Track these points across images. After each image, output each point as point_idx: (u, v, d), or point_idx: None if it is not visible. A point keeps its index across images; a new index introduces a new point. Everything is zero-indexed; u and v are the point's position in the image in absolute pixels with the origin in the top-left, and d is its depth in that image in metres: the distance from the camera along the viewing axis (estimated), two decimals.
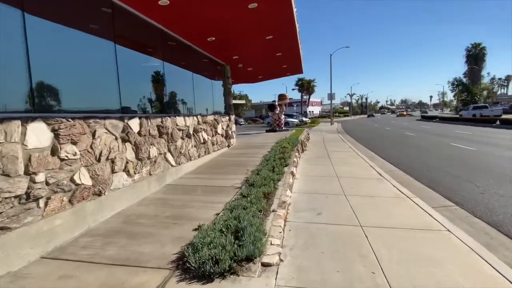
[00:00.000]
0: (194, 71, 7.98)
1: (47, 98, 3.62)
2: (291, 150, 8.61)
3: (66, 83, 3.90)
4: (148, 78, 5.99)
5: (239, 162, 7.70)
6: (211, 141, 8.58)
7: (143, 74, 5.84)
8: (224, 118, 10.01)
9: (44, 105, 3.53)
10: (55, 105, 3.71)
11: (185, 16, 6.00)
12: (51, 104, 3.67)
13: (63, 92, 3.82)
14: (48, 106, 3.61)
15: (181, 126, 6.66)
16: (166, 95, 6.44)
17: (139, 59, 5.69)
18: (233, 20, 6.56)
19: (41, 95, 3.49)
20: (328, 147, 12.68)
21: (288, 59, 11.91)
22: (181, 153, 6.57)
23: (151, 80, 6.05)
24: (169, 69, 6.55)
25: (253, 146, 10.57)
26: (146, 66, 5.95)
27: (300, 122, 36.20)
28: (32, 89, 3.32)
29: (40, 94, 3.48)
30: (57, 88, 3.74)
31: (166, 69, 6.41)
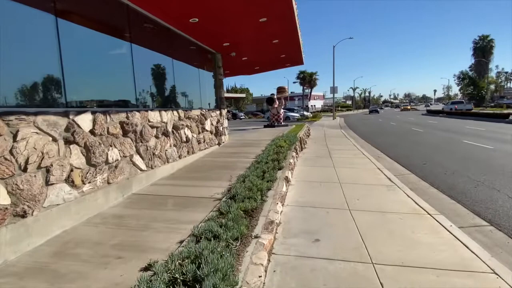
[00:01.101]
0: (175, 58, 6.91)
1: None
2: (287, 150, 7.58)
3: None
4: (110, 63, 4.95)
5: (227, 164, 6.68)
6: (196, 139, 7.56)
7: (103, 59, 4.79)
8: (214, 112, 8.96)
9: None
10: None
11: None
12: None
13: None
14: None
15: (155, 122, 5.63)
16: (136, 85, 5.40)
17: (95, 39, 4.61)
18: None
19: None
20: (330, 145, 11.63)
21: (287, 47, 10.78)
22: (155, 155, 5.56)
23: (114, 67, 5.01)
24: (140, 53, 5.49)
25: (246, 144, 9.54)
26: (107, 48, 4.89)
27: (301, 116, 35.09)
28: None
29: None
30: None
31: (136, 54, 5.35)
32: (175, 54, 6.93)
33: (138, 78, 5.41)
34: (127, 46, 5.20)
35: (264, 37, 8.78)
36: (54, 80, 3.71)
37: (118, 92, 5.14)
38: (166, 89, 6.57)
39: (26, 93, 3.40)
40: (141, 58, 5.55)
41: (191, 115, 7.26)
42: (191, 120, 7.33)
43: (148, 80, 5.89)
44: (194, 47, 8.25)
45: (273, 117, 16.39)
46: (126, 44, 5.19)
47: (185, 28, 7.07)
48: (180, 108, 6.85)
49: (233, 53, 10.14)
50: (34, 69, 3.51)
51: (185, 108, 7.20)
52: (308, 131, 15.63)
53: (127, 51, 5.20)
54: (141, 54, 5.57)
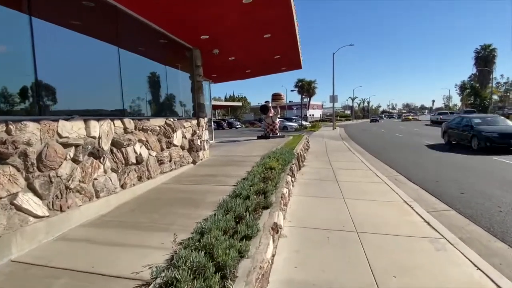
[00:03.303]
0: (123, 47, 4.99)
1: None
2: (280, 173, 5.59)
3: None
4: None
5: (192, 196, 4.68)
6: (156, 158, 5.57)
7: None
8: (188, 122, 7.00)
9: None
10: None
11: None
12: None
13: None
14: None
15: (74, 138, 3.65)
16: (37, 79, 3.44)
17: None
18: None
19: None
20: (334, 161, 9.66)
21: (282, 44, 8.94)
22: (71, 189, 3.56)
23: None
24: (48, 32, 3.57)
25: (230, 162, 7.55)
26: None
27: (300, 126, 33.33)
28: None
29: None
30: None
31: (40, 31, 3.42)
32: (123, 43, 5.01)
33: (42, 66, 3.46)
34: (25, 20, 3.27)
35: (252, 27, 6.92)
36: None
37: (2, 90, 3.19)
38: (103, 88, 4.62)
39: None
40: (50, 39, 3.62)
41: (148, 126, 5.29)
42: (149, 132, 5.36)
43: (66, 72, 3.94)
44: (160, 37, 6.36)
45: (267, 127, 14.46)
46: (25, 18, 3.26)
47: (143, 10, 5.18)
48: (129, 117, 4.89)
49: (216, 50, 8.27)
50: None
51: (138, 116, 5.24)
52: (307, 144, 13.69)
53: (25, 27, 3.27)
54: (50, 34, 3.64)
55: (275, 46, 8.84)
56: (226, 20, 6.27)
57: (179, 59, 7.32)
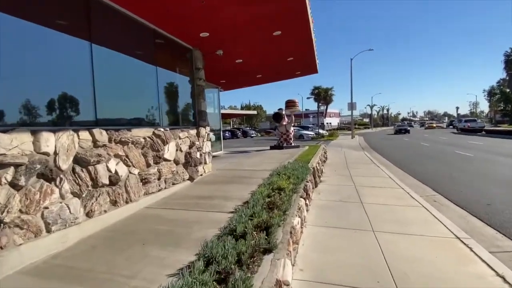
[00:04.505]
0: (98, 42, 4.12)
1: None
2: (290, 195, 4.48)
3: None
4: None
5: (174, 230, 3.64)
6: (140, 177, 4.62)
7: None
8: (184, 132, 6.05)
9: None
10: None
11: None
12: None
13: None
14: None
15: (12, 155, 2.73)
16: None
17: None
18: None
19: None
20: (356, 176, 8.40)
21: (295, 45, 7.93)
22: (6, 223, 2.63)
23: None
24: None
25: (233, 179, 6.50)
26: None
27: (317, 135, 31.98)
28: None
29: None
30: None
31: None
32: (100, 37, 4.15)
33: None
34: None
35: (258, 22, 5.95)
36: None
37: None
38: (68, 93, 3.72)
39: None
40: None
41: (128, 138, 4.36)
42: (130, 145, 4.42)
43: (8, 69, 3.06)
44: (147, 32, 5.50)
45: (281, 136, 13.35)
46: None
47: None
48: (101, 127, 3.97)
49: (220, 51, 7.36)
50: None
51: (115, 125, 4.32)
52: (325, 154, 12.47)
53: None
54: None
55: (286, 46, 7.83)
56: (224, 12, 5.33)
57: (175, 60, 6.44)
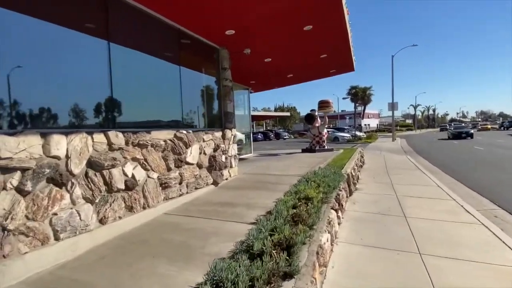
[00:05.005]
0: (117, 42, 3.99)
1: None
2: (319, 206, 3.95)
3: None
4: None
5: (188, 242, 3.32)
6: (160, 181, 4.41)
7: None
8: (208, 134, 5.80)
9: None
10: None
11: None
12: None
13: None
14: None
15: (19, 159, 2.60)
16: None
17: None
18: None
19: None
20: (398, 184, 7.53)
21: (328, 41, 7.35)
22: (10, 231, 2.50)
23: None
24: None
25: (259, 184, 6.10)
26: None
27: (353, 137, 30.44)
28: None
29: None
30: None
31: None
32: (117, 36, 4.01)
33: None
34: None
35: (286, 16, 5.50)
36: None
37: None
38: (84, 95, 3.58)
39: None
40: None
41: (146, 141, 4.17)
42: (149, 148, 4.23)
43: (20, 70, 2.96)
44: (171, 31, 5.32)
45: (313, 138, 12.68)
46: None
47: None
48: (117, 129, 3.81)
49: (248, 50, 7.03)
50: None
51: (134, 128, 4.15)
52: (361, 159, 11.57)
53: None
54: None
55: (319, 41, 7.27)
56: (249, 7, 4.97)
57: (200, 60, 6.22)
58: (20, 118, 2.85)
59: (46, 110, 3.10)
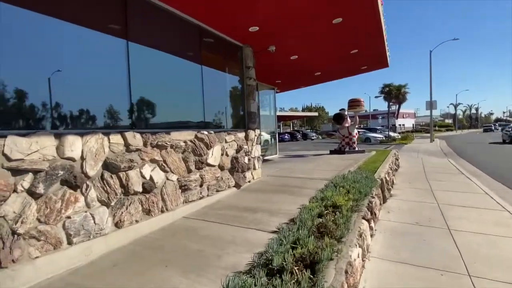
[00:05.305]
0: (136, 40, 3.88)
1: None
2: (348, 216, 3.55)
3: None
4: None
5: (205, 251, 3.09)
6: (179, 183, 4.27)
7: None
8: (231, 135, 5.60)
9: None
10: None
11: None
12: None
13: None
14: None
15: (31, 161, 2.53)
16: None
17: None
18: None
19: None
20: (438, 190, 6.81)
21: (359, 35, 6.85)
22: (20, 234, 2.44)
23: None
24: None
25: (283, 188, 5.77)
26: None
27: (386, 138, 28.94)
28: None
29: None
30: None
31: None
32: (136, 34, 3.92)
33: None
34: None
35: (314, 9, 5.13)
36: None
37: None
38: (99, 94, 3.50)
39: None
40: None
41: (166, 142, 4.04)
42: (168, 150, 4.10)
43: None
44: (191, 28, 5.16)
45: (342, 139, 12.05)
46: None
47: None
48: (134, 129, 3.70)
49: (272, 48, 6.73)
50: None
51: (152, 128, 4.03)
52: (396, 161, 10.78)
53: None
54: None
55: (349, 35, 6.78)
56: (275, 1, 4.68)
57: (222, 58, 6.03)
58: (34, 119, 2.80)
59: (61, 110, 3.03)
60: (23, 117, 2.72)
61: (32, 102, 2.78)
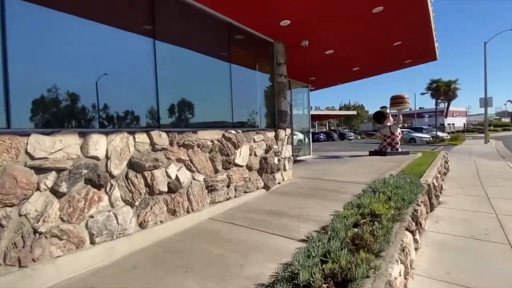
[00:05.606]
0: (162, 39, 3.82)
1: None
2: (389, 227, 3.13)
3: None
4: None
5: (227, 257, 2.90)
6: (206, 183, 4.14)
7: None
8: (260, 135, 5.37)
9: None
10: None
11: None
12: None
13: None
14: None
15: (54, 159, 2.54)
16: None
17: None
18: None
19: None
20: (496, 198, 5.92)
21: (403, 24, 6.22)
22: (41, 233, 2.45)
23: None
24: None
25: (315, 191, 5.40)
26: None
27: (434, 138, 26.70)
28: None
29: None
30: None
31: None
32: (163, 33, 3.86)
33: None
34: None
35: (352, 2, 4.71)
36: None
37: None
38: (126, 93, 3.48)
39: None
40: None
41: (192, 141, 3.93)
42: (195, 149, 3.99)
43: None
44: (230, 30, 5.01)
45: (384, 139, 11.21)
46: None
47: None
48: (160, 128, 3.64)
49: (305, 42, 6.38)
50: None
51: (178, 127, 3.95)
52: (445, 164, 9.75)
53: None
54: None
55: (392, 26, 6.18)
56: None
57: (252, 55, 5.83)
58: (59, 117, 2.82)
59: (86, 109, 3.04)
60: (47, 116, 2.75)
61: (57, 101, 2.81)
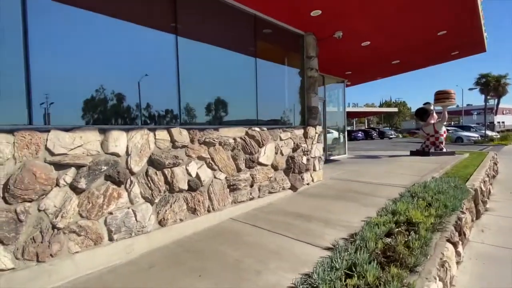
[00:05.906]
0: (185, 35, 3.73)
1: None
2: (427, 238, 2.73)
3: None
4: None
5: (244, 262, 2.72)
6: (228, 182, 4.01)
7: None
8: (287, 132, 5.12)
9: None
10: None
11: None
12: None
13: None
14: None
15: (74, 155, 2.55)
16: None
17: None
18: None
19: None
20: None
21: (448, 11, 5.57)
22: (60, 229, 2.48)
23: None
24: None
25: (347, 194, 5.03)
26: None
27: (482, 137, 24.23)
28: None
29: None
30: None
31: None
32: (186, 28, 3.77)
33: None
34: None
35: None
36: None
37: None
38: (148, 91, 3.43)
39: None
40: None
41: (214, 138, 3.81)
42: (217, 147, 3.88)
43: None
44: (256, 23, 4.81)
45: (427, 138, 10.28)
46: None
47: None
48: (181, 125, 3.56)
49: (339, 33, 5.97)
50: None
51: (199, 124, 3.85)
52: (494, 166, 8.71)
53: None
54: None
55: (435, 13, 5.54)
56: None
57: (280, 49, 5.57)
58: (78, 114, 2.84)
59: (107, 105, 3.04)
60: (68, 112, 2.78)
61: (78, 97, 2.83)
